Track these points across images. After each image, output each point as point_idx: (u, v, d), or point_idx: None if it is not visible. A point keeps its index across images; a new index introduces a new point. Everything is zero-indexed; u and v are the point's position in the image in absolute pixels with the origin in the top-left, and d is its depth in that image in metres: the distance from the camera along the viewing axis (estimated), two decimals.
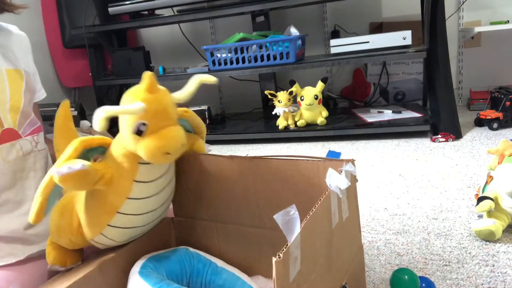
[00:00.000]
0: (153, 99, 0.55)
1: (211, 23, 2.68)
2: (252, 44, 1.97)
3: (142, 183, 0.59)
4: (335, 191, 0.53)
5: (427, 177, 1.38)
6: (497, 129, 1.82)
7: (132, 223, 0.62)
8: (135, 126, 0.54)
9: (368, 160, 1.62)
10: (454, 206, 1.16)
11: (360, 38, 1.93)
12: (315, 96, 1.94)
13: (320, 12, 2.50)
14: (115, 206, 0.59)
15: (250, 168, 0.66)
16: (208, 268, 0.66)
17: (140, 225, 0.63)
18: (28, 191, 0.75)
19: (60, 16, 2.55)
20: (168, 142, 0.54)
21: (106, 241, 0.63)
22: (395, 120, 1.95)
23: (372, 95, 2.45)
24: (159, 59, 2.71)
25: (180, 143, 0.56)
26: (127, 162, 0.58)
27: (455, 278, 0.84)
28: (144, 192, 0.60)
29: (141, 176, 0.58)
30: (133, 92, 0.57)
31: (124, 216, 0.60)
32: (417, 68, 2.39)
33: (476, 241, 0.97)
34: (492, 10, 2.24)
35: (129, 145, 0.57)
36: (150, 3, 2.11)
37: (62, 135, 0.70)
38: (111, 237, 0.62)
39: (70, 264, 0.64)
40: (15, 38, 0.81)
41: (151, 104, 0.54)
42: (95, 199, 0.60)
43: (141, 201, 0.60)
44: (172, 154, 0.55)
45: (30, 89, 0.79)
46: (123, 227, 0.61)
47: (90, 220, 0.61)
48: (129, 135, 0.55)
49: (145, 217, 0.63)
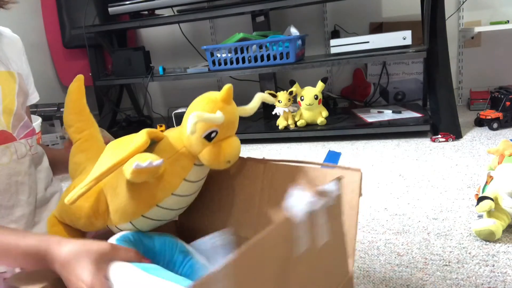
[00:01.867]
0: (229, 111, 0.59)
1: (211, 23, 2.68)
2: (252, 44, 1.97)
3: (189, 182, 0.61)
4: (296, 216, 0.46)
5: (427, 177, 1.38)
6: (497, 129, 1.82)
7: (163, 217, 0.63)
8: (207, 132, 0.57)
9: (368, 160, 1.62)
10: (454, 206, 1.16)
11: (360, 38, 1.93)
12: (315, 96, 1.94)
13: (320, 12, 2.50)
14: (158, 200, 0.60)
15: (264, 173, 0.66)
16: (187, 262, 0.62)
17: (168, 218, 0.65)
18: (20, 196, 0.73)
19: (60, 16, 2.55)
20: (232, 151, 0.59)
21: (129, 227, 0.63)
22: (395, 120, 1.95)
23: (372, 95, 2.45)
24: (159, 59, 2.71)
25: (239, 153, 0.61)
26: (184, 160, 0.60)
27: (455, 278, 0.84)
28: (188, 190, 0.62)
29: (192, 176, 0.61)
30: (211, 100, 0.59)
31: (161, 209, 0.61)
32: (417, 68, 2.39)
33: (476, 241, 0.97)
34: (492, 10, 2.24)
35: (193, 146, 0.59)
36: (150, 3, 2.11)
37: (74, 111, 0.69)
38: (138, 226, 0.63)
39: None
40: (7, 41, 0.79)
41: (227, 115, 0.58)
42: (139, 190, 0.60)
43: (183, 198, 0.62)
44: (231, 162, 0.60)
45: (23, 91, 0.78)
46: (154, 218, 0.62)
47: (126, 208, 0.61)
48: (197, 138, 0.58)
49: (176, 212, 0.65)
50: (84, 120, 0.66)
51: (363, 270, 0.90)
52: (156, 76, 2.22)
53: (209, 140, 0.58)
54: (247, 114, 0.64)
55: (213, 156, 0.58)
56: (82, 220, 0.64)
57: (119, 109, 2.64)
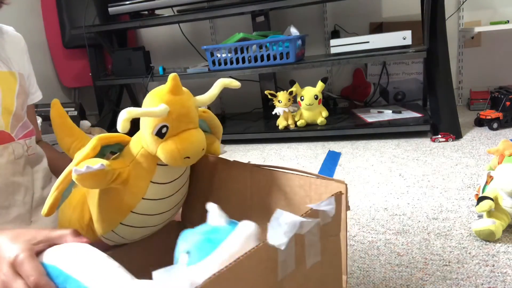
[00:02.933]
0: (177, 102, 0.54)
1: (211, 23, 2.68)
2: (252, 44, 1.97)
3: (158, 184, 0.58)
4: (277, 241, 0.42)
5: (427, 177, 1.38)
6: (497, 129, 1.82)
7: (145, 223, 0.62)
8: (157, 128, 0.53)
9: (368, 160, 1.62)
10: (454, 206, 1.16)
11: (360, 38, 1.93)
12: (315, 96, 1.94)
13: (320, 12, 2.50)
14: (129, 206, 0.59)
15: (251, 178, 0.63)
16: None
17: (152, 225, 0.63)
18: (16, 196, 0.73)
19: (60, 16, 2.55)
20: (189, 146, 0.54)
21: (116, 238, 0.63)
22: (395, 120, 1.95)
23: (372, 95, 2.45)
24: (159, 59, 2.71)
25: (201, 147, 0.56)
26: (145, 162, 0.57)
27: (455, 278, 0.84)
28: (160, 193, 0.59)
29: (158, 177, 0.58)
30: (156, 93, 0.55)
31: (138, 215, 0.59)
32: (417, 68, 2.39)
33: (476, 241, 0.97)
34: (492, 10, 2.24)
35: (149, 146, 0.56)
36: (150, 3, 2.11)
37: (65, 134, 0.69)
38: (122, 235, 0.62)
39: None
40: (9, 40, 0.79)
41: (174, 106, 0.53)
42: (109, 197, 0.59)
43: (156, 202, 0.60)
44: (192, 158, 0.55)
45: (24, 91, 0.78)
46: (135, 226, 0.61)
47: (102, 217, 0.60)
48: (150, 136, 0.55)
49: (158, 218, 0.62)
50: (77, 138, 0.64)
51: (363, 270, 0.90)
52: (156, 76, 2.22)
53: (161, 137, 0.54)
54: (205, 103, 0.59)
55: (168, 153, 0.54)
56: None
57: (119, 109, 2.64)
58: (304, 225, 0.45)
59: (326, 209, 0.48)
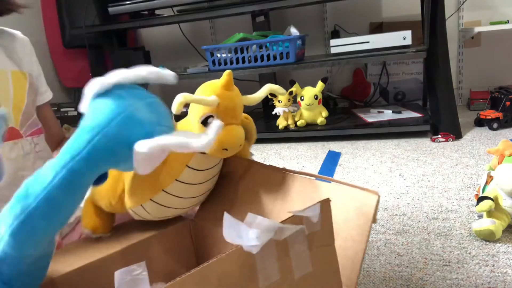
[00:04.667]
0: (226, 96, 0.58)
1: (211, 23, 2.68)
2: (252, 44, 1.97)
3: (193, 170, 0.61)
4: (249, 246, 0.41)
5: (427, 177, 1.38)
6: (497, 129, 1.82)
7: (171, 203, 0.64)
8: (204, 116, 0.58)
9: (368, 160, 1.62)
10: (454, 206, 1.16)
11: (360, 38, 1.93)
12: (315, 96, 1.94)
13: (320, 12, 2.50)
14: (162, 184, 0.62)
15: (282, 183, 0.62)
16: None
17: (178, 207, 0.65)
18: None
19: (60, 16, 2.55)
20: (228, 138, 0.57)
21: (143, 213, 0.65)
22: (395, 120, 1.95)
23: (372, 95, 2.45)
24: (159, 59, 2.71)
25: (239, 142, 0.59)
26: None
27: (455, 278, 0.84)
28: (192, 178, 0.62)
29: (194, 163, 0.61)
30: (210, 84, 0.60)
31: (168, 195, 0.63)
32: (417, 68, 2.39)
33: (476, 241, 0.97)
34: (492, 10, 2.24)
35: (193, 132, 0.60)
36: (150, 3, 2.11)
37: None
38: (148, 211, 0.64)
39: (100, 232, 0.67)
40: (19, 42, 0.83)
41: (224, 100, 0.57)
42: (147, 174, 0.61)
43: (187, 186, 0.62)
44: (229, 151, 0.58)
45: (33, 91, 0.82)
46: (163, 204, 0.63)
47: (135, 191, 0.63)
48: (196, 123, 0.59)
49: (184, 201, 0.65)
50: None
51: (363, 270, 0.90)
52: None
53: (205, 126, 0.58)
54: (252, 103, 0.64)
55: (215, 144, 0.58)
56: (103, 202, 0.66)
57: None
58: (283, 231, 0.43)
59: (310, 215, 0.46)
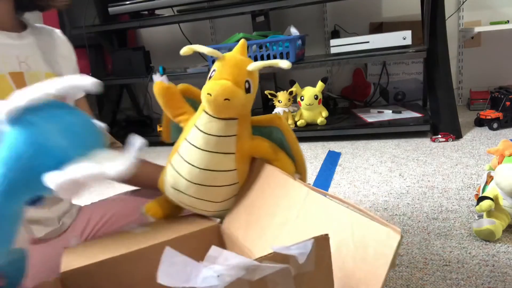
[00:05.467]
0: (232, 55, 0.64)
1: (211, 23, 2.68)
2: (252, 44, 1.97)
3: (198, 130, 0.64)
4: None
5: (427, 177, 1.38)
6: (497, 129, 1.82)
7: (179, 167, 0.66)
8: (210, 71, 0.65)
9: (368, 160, 1.62)
10: (454, 206, 1.16)
11: (360, 38, 1.93)
12: (315, 96, 1.94)
13: (320, 12, 2.50)
14: (178, 145, 0.67)
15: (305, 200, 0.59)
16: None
17: (183, 175, 0.66)
18: None
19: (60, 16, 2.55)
20: (213, 85, 0.60)
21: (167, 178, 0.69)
22: (395, 120, 1.95)
23: (372, 95, 2.45)
24: (159, 59, 2.71)
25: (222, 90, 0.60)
26: (200, 108, 0.66)
27: (455, 278, 0.84)
28: (195, 138, 0.65)
29: (200, 122, 0.65)
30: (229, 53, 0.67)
31: (178, 157, 0.66)
32: (417, 68, 2.39)
33: (476, 241, 0.97)
34: (492, 10, 2.24)
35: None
36: (150, 3, 2.11)
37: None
38: (169, 175, 0.69)
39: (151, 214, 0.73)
40: (60, 42, 0.81)
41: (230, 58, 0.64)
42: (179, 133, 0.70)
43: (191, 147, 0.65)
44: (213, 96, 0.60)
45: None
46: (175, 168, 0.67)
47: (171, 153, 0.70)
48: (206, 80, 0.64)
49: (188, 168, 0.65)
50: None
51: None
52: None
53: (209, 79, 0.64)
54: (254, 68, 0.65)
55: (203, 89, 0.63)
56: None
57: (119, 109, 2.64)
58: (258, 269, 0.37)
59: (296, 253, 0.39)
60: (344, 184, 1.41)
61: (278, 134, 0.70)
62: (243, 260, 0.36)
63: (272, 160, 0.68)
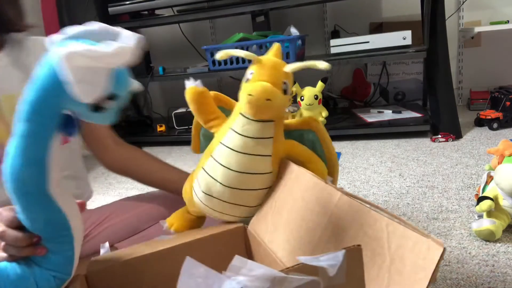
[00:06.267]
0: (268, 58, 0.64)
1: (211, 23, 2.68)
2: (252, 44, 1.96)
3: (234, 133, 0.63)
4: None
5: (427, 177, 1.38)
6: (497, 129, 1.82)
7: (213, 171, 0.65)
8: (247, 73, 0.63)
9: (368, 160, 1.62)
10: (454, 206, 1.16)
11: (360, 38, 1.93)
12: (315, 96, 1.93)
13: (320, 12, 2.50)
14: (212, 149, 0.66)
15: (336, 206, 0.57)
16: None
17: (218, 179, 0.64)
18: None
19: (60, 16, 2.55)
20: (254, 86, 0.59)
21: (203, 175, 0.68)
22: (395, 120, 1.95)
23: (372, 95, 2.45)
24: (159, 59, 2.71)
25: (263, 90, 0.59)
26: (235, 111, 0.65)
27: (455, 278, 0.84)
28: (231, 141, 0.63)
29: (236, 125, 0.63)
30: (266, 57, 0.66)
31: (212, 161, 0.65)
32: (417, 68, 2.39)
33: (476, 241, 0.97)
34: (492, 10, 2.24)
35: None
36: (150, 3, 2.11)
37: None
38: (201, 180, 0.67)
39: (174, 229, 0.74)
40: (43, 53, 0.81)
41: (264, 59, 0.63)
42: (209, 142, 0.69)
43: (227, 150, 0.63)
44: (255, 97, 0.59)
45: None
46: (208, 173, 0.66)
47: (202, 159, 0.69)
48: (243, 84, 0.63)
49: (224, 172, 0.64)
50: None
51: None
52: (156, 76, 2.22)
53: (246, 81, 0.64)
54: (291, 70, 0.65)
55: (241, 91, 0.62)
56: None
57: None
58: (284, 281, 0.35)
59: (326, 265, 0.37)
60: (344, 184, 1.41)
61: (310, 137, 0.70)
62: (268, 271, 0.33)
63: (306, 162, 0.67)
